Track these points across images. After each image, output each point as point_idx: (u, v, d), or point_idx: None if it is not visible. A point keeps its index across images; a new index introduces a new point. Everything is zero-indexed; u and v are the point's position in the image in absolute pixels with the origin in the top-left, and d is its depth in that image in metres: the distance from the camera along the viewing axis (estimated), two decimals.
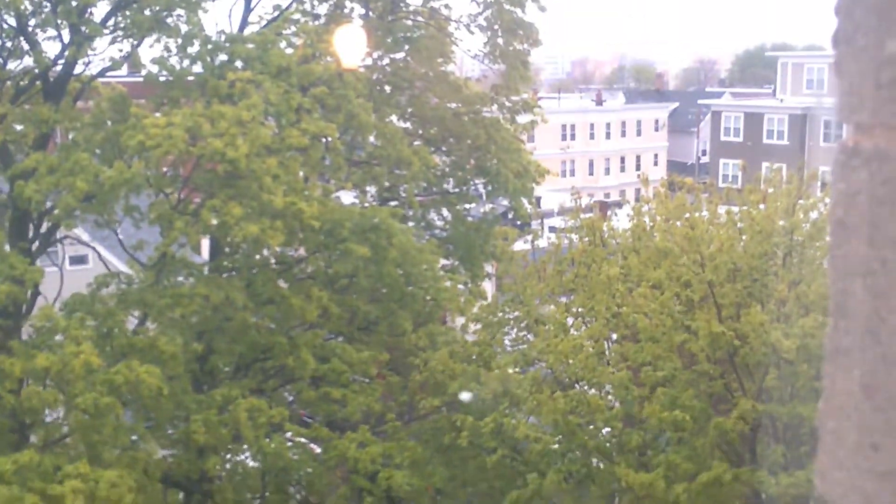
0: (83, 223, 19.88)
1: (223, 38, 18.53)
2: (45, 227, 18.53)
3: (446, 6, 23.92)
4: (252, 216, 16.23)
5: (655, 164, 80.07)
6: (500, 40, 23.78)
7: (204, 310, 16.87)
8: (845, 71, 1.15)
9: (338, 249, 18.17)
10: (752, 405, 15.07)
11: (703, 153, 73.14)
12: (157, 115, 17.22)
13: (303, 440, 18.34)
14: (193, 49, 18.08)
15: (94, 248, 22.02)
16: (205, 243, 21.75)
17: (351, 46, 19.44)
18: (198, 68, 18.22)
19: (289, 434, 18.09)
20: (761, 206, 17.22)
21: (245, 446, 17.24)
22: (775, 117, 57.29)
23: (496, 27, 23.64)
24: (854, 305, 1.17)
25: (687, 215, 17.67)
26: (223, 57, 18.24)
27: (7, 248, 16.79)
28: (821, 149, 50.71)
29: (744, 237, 16.91)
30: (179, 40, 18.04)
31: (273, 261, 19.55)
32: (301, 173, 19.40)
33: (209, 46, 18.01)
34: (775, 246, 16.48)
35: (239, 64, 18.05)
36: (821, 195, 17.73)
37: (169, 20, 18.11)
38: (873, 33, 1.11)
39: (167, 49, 18.17)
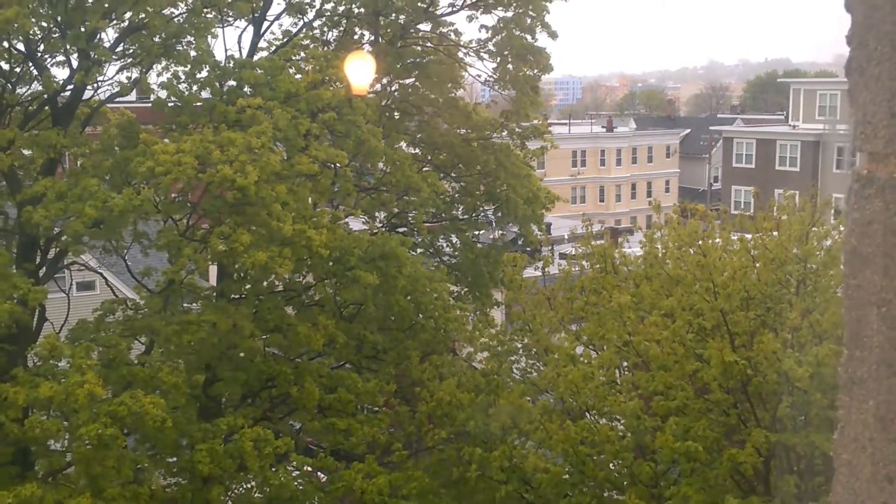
0: (91, 249, 19.84)
1: (232, 63, 18.54)
2: (52, 252, 18.48)
3: (456, 32, 23.97)
4: (260, 243, 16.13)
5: (667, 190, 79.92)
6: (510, 66, 23.78)
7: (211, 337, 16.74)
8: (859, 100, 1.12)
9: (346, 277, 18.06)
10: (765, 436, 14.82)
11: (715, 180, 73.01)
12: (166, 140, 17.19)
13: (308, 469, 18.13)
14: (202, 75, 18.10)
15: (101, 275, 21.95)
16: (212, 269, 21.67)
17: (360, 72, 19.39)
18: (206, 94, 18.23)
19: (294, 464, 17.89)
20: (774, 234, 17.03)
21: (250, 476, 17.04)
22: (788, 144, 57.16)
23: (506, 53, 23.64)
24: (869, 335, 1.17)
25: (699, 242, 17.49)
26: (232, 83, 18.25)
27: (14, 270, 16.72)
28: (834, 175, 50.50)
29: (757, 265, 16.71)
30: (188, 66, 18.05)
31: (280, 287, 19.45)
32: (310, 200, 19.34)
33: (218, 72, 18.02)
34: (788, 274, 16.28)
35: (248, 90, 18.05)
36: (834, 223, 17.54)
37: (178, 46, 18.12)
38: (887, 62, 1.07)
39: (176, 75, 18.18)
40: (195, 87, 18.20)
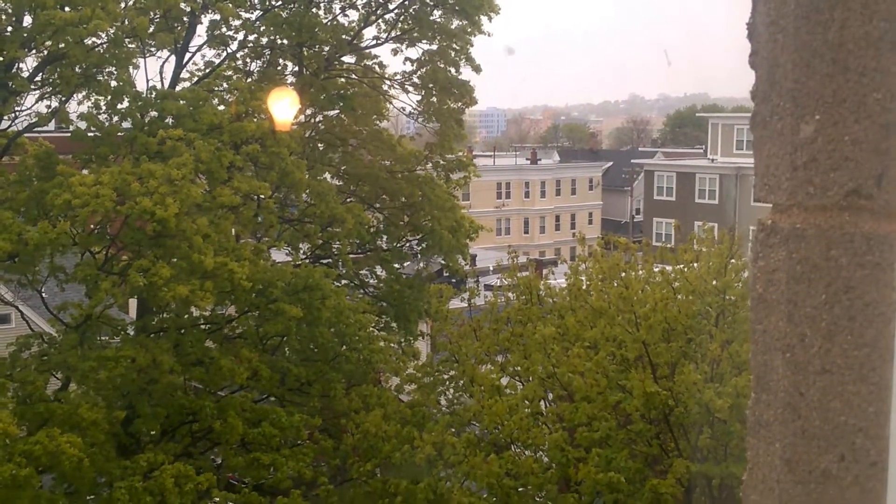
0: (6, 283, 19.32)
1: (154, 94, 18.31)
2: None
3: (380, 65, 24.06)
4: (181, 276, 15.88)
5: (590, 222, 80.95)
6: (434, 99, 23.91)
7: (129, 372, 16.38)
8: (763, 153, 1.17)
9: (269, 310, 17.87)
10: (686, 466, 15.00)
11: (637, 212, 74.21)
12: (85, 172, 16.88)
13: None
14: (123, 105, 17.85)
15: (17, 308, 21.38)
16: (134, 301, 21.26)
17: (284, 104, 19.32)
18: (127, 124, 17.97)
19: (216, 500, 17.55)
20: (695, 266, 17.34)
21: None
22: (707, 177, 58.42)
23: (431, 86, 23.77)
24: (775, 380, 1.21)
25: (622, 275, 17.71)
26: (153, 113, 18.02)
27: None
28: (751, 208, 51.71)
29: (678, 297, 16.98)
30: (109, 96, 17.79)
31: (202, 321, 19.15)
32: (233, 232, 19.13)
33: (139, 103, 17.78)
34: (708, 306, 16.57)
35: (170, 121, 17.83)
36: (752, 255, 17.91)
37: (99, 76, 17.86)
38: (788, 118, 1.12)
39: (96, 105, 17.90)
40: (116, 118, 17.94)
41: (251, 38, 21.85)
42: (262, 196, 18.84)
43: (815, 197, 1.08)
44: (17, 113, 18.20)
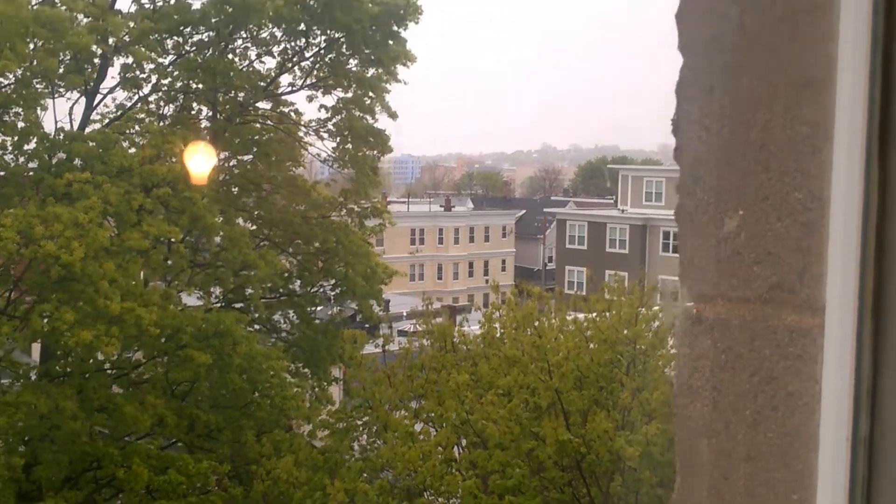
0: None
1: (62, 136, 17.97)
2: None
3: (296, 111, 24.01)
4: (86, 321, 15.51)
5: (503, 269, 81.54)
6: (349, 146, 23.95)
7: (30, 418, 15.87)
8: (687, 245, 1.20)
9: (178, 356, 17.54)
10: None
11: (550, 260, 75.09)
12: None
13: None
14: (30, 146, 17.46)
15: None
16: (38, 345, 20.65)
17: (198, 148, 19.11)
18: (34, 165, 17.58)
19: None
20: (606, 315, 17.58)
21: None
22: (617, 227, 59.46)
23: (346, 133, 23.81)
24: (700, 464, 1.22)
25: (536, 323, 17.87)
26: (62, 155, 17.67)
27: None
28: (660, 258, 52.76)
29: (590, 345, 17.18)
30: (15, 136, 17.40)
31: (108, 365, 18.70)
32: (142, 276, 18.79)
33: (47, 144, 17.43)
34: (619, 354, 16.80)
35: (78, 162, 17.49)
36: (660, 305, 18.25)
37: (5, 116, 17.47)
38: (712, 212, 1.15)
39: (2, 145, 17.50)
40: (22, 159, 17.52)
41: (165, 81, 21.62)
42: (173, 240, 18.56)
43: (738, 289, 1.11)
44: None
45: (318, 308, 25.17)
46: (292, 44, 23.42)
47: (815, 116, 1.03)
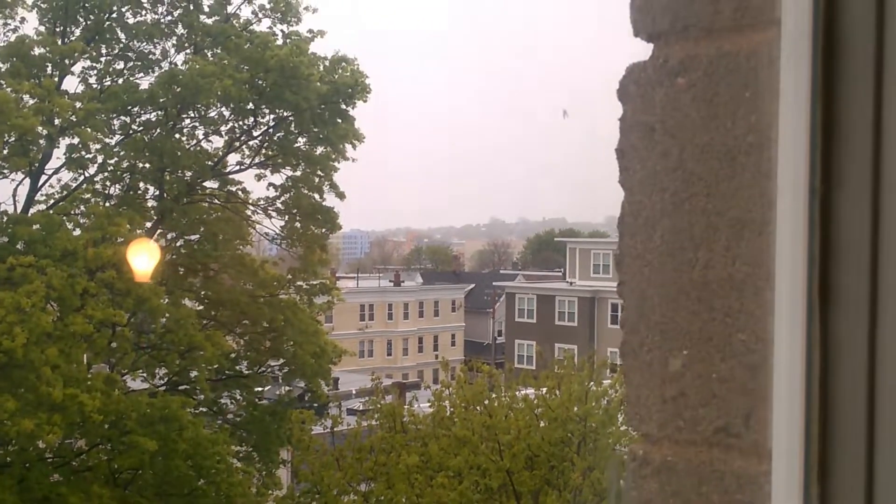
0: None
1: (5, 219, 17.72)
2: None
3: (244, 190, 23.94)
4: (28, 409, 15.11)
5: (453, 343, 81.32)
6: (298, 224, 23.88)
7: None
8: (633, 383, 1.17)
9: (122, 442, 17.12)
10: None
11: (500, 333, 75.05)
12: None
13: None
14: None
15: None
16: None
17: (143, 229, 18.92)
18: None
19: None
20: (557, 392, 17.55)
21: None
22: (566, 299, 59.72)
23: (294, 212, 23.76)
24: None
25: (486, 402, 17.77)
26: (4, 238, 17.39)
27: None
28: (609, 330, 53.00)
29: (541, 423, 17.10)
30: None
31: (49, 454, 18.17)
32: (85, 360, 18.40)
33: None
34: (570, 433, 16.74)
35: (21, 246, 17.22)
36: (611, 381, 18.27)
37: None
38: (657, 350, 1.13)
39: None
40: None
41: (111, 161, 21.48)
42: (118, 324, 18.25)
43: (684, 431, 1.08)
44: None
45: (266, 388, 24.81)
46: (240, 123, 23.47)
47: (756, 257, 1.02)
